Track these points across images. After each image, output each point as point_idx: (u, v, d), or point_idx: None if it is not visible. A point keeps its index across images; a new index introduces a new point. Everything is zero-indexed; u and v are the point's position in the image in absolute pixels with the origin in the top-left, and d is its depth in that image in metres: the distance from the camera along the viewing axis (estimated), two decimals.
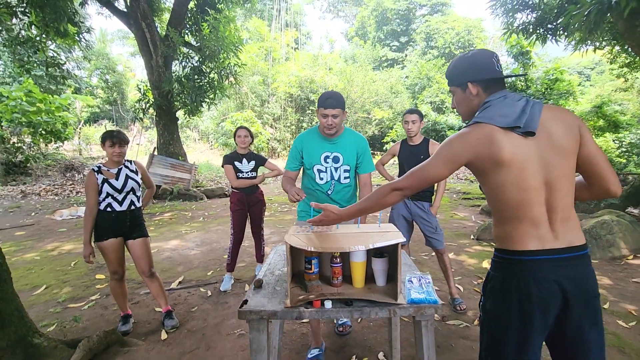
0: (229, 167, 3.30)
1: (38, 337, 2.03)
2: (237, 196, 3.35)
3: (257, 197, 3.45)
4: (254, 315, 1.23)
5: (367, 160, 2.16)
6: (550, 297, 0.99)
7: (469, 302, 2.86)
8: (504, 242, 1.06)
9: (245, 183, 3.31)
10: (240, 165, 3.32)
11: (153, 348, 2.35)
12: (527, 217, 1.02)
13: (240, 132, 3.34)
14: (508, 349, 1.04)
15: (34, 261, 4.33)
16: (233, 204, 3.37)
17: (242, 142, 3.32)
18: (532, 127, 1.00)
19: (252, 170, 3.37)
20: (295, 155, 2.15)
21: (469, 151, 1.05)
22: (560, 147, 1.02)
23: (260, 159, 3.45)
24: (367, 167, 2.16)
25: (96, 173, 2.45)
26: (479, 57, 1.14)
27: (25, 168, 11.75)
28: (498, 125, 1.01)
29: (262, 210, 3.49)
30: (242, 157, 3.34)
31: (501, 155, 1.00)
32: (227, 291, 3.25)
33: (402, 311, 1.21)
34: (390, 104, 21.98)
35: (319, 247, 1.19)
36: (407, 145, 3.00)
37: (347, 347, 2.29)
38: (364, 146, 2.13)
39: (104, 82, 22.67)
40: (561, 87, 14.29)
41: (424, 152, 2.91)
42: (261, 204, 3.48)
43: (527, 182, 1.01)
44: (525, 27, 5.89)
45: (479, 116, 1.07)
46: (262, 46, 23.32)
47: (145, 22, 9.14)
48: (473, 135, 1.04)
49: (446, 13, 29.98)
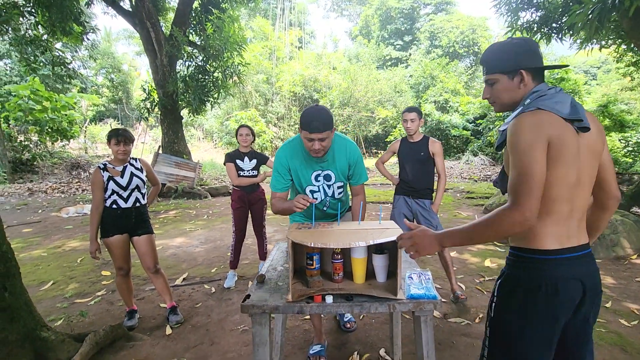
0: (231, 165, 3.32)
1: (46, 331, 2.08)
2: (237, 194, 3.37)
3: (259, 195, 3.45)
4: (256, 310, 1.25)
5: (359, 171, 1.93)
6: (575, 295, 1.00)
7: (471, 301, 2.88)
8: (526, 240, 1.02)
9: (247, 181, 3.32)
10: (242, 164, 3.33)
11: (158, 343, 2.39)
12: (556, 213, 0.99)
13: (242, 130, 3.35)
14: (530, 349, 1.02)
15: (41, 257, 4.39)
16: (234, 201, 3.39)
17: (243, 141, 3.32)
18: (587, 123, 0.98)
19: (254, 168, 3.38)
20: (282, 172, 1.86)
21: (544, 136, 0.95)
22: (594, 148, 1.03)
23: (261, 158, 3.46)
24: (359, 179, 1.95)
25: (102, 170, 2.49)
26: (530, 44, 1.07)
27: (32, 166, 11.90)
28: (561, 116, 0.97)
29: (263, 209, 3.50)
30: (244, 156, 3.36)
31: (563, 146, 0.95)
32: (230, 288, 3.29)
33: (401, 306, 1.23)
34: (394, 103, 21.94)
35: (320, 243, 1.21)
36: (407, 142, 3.01)
37: (349, 344, 2.32)
38: (355, 157, 1.89)
39: (109, 81, 22.86)
40: (567, 86, 14.18)
41: (424, 149, 2.91)
42: (262, 202, 3.49)
43: (568, 178, 0.98)
44: (529, 26, 5.86)
45: (540, 104, 0.99)
46: (266, 45, 23.36)
47: (150, 21, 9.20)
48: (545, 119, 0.96)
49: (450, 12, 29.84)
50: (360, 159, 1.91)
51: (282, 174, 1.86)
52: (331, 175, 1.88)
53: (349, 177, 1.94)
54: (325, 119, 1.61)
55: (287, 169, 1.85)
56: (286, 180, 1.87)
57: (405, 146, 3.00)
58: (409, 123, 2.87)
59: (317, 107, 1.67)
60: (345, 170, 1.89)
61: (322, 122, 1.60)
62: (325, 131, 1.61)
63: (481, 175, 12.18)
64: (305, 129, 1.63)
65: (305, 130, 1.63)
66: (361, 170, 1.94)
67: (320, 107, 1.66)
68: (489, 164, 14.97)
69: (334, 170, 1.86)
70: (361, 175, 1.95)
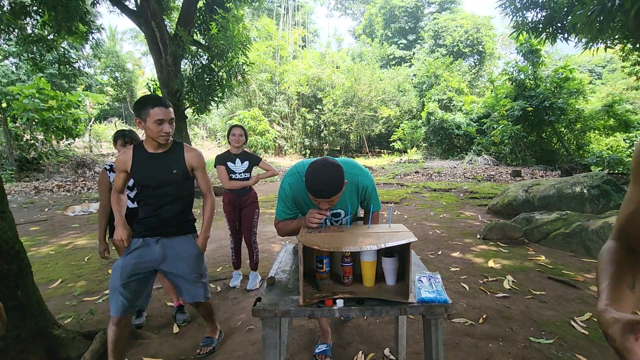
0: (222, 167, 3.14)
1: (57, 329, 2.12)
2: (228, 197, 3.22)
3: (250, 198, 3.26)
4: (267, 313, 1.27)
5: (371, 201, 1.75)
6: None
7: (474, 301, 2.89)
8: None
9: (238, 185, 3.16)
10: (233, 166, 3.16)
11: (166, 341, 2.42)
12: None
13: (235, 130, 3.16)
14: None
15: (49, 256, 4.45)
16: (225, 204, 3.25)
17: (236, 142, 3.14)
18: None
19: (246, 171, 3.21)
20: (288, 204, 1.70)
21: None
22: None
23: (254, 159, 3.27)
24: (372, 208, 1.74)
25: (108, 172, 2.51)
26: None
27: (38, 164, 12.01)
28: None
29: (254, 213, 3.25)
30: (236, 157, 3.18)
31: None
32: (236, 287, 3.32)
33: (412, 310, 1.25)
34: (397, 102, 21.92)
35: (332, 247, 1.23)
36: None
37: (354, 343, 2.34)
38: (367, 189, 1.71)
39: (113, 79, 22.96)
40: (571, 85, 14.12)
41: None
42: (254, 206, 3.27)
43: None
44: (534, 25, 5.86)
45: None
46: (270, 44, 23.38)
47: (154, 21, 9.23)
48: None
49: (455, 11, 29.71)
50: (373, 189, 1.74)
51: (288, 205, 1.70)
52: (340, 213, 1.76)
53: (361, 206, 1.82)
54: (335, 185, 1.39)
55: (293, 201, 1.70)
56: (291, 211, 1.71)
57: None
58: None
59: (325, 167, 1.40)
60: (356, 205, 1.77)
61: (330, 190, 1.39)
62: (335, 196, 1.42)
63: (485, 175, 12.15)
64: (311, 194, 1.42)
65: (311, 194, 1.43)
66: (375, 201, 1.76)
67: (329, 169, 1.40)
68: (493, 163, 14.93)
69: (344, 208, 1.73)
70: (375, 206, 1.75)
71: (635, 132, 12.75)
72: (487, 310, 2.71)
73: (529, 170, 13.03)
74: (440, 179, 11.97)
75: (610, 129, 13.98)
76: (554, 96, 14.14)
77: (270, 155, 19.86)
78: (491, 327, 2.47)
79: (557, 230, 4.46)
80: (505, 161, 15.40)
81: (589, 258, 3.89)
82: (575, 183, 5.90)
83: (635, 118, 13.61)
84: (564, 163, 12.46)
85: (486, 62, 27.44)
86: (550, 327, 2.44)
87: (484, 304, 2.84)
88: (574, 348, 2.20)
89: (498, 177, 11.80)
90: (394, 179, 12.19)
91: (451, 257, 4.03)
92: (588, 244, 4.02)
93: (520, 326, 2.47)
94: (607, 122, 13.90)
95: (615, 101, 13.78)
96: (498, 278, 3.36)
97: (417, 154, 19.30)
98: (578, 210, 5.34)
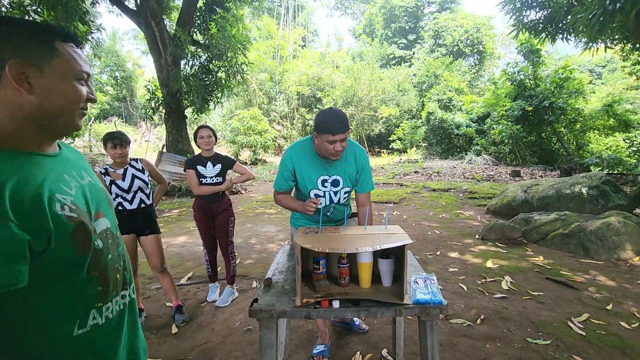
0: (191, 172, 2.88)
1: None
2: (198, 203, 2.97)
3: (223, 205, 3.00)
4: (264, 314, 1.28)
5: (366, 177, 1.91)
6: None
7: (472, 302, 2.90)
8: None
9: (209, 190, 2.89)
10: (204, 170, 2.89)
11: (165, 341, 2.43)
12: None
13: (202, 132, 2.87)
14: None
15: None
16: (195, 211, 3.00)
17: (205, 144, 2.86)
18: None
19: (218, 175, 2.94)
20: (286, 175, 1.87)
21: None
22: None
23: (227, 162, 2.99)
24: (365, 186, 1.93)
25: (103, 175, 2.51)
26: None
27: None
28: None
29: (228, 221, 3.00)
30: (207, 161, 2.91)
31: None
32: (215, 302, 3.01)
33: (407, 311, 1.26)
34: (397, 102, 21.92)
35: (329, 249, 1.24)
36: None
37: (352, 344, 2.35)
38: (363, 161, 1.88)
39: (113, 79, 22.95)
40: (571, 85, 14.12)
41: None
42: (228, 213, 3.01)
43: None
44: (534, 25, 5.86)
45: None
46: (270, 44, 23.38)
47: (154, 20, 9.24)
48: None
49: (455, 10, 29.69)
50: (368, 165, 1.92)
51: (286, 176, 1.88)
52: (339, 181, 1.88)
53: (355, 183, 1.94)
54: (344, 119, 1.66)
55: (292, 171, 1.86)
56: (288, 182, 1.89)
57: None
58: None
59: (333, 109, 1.70)
60: (353, 175, 1.89)
61: (343, 123, 1.64)
62: (346, 131, 1.66)
63: (484, 175, 12.16)
64: (327, 132, 1.63)
65: (327, 133, 1.64)
66: (368, 176, 1.93)
67: (336, 109, 1.70)
68: (492, 163, 14.93)
69: (342, 175, 1.86)
70: (367, 183, 1.93)
71: (635, 132, 12.74)
72: (484, 311, 2.72)
73: (528, 170, 13.03)
74: (440, 179, 11.98)
75: (610, 128, 13.98)
76: (553, 96, 14.14)
77: (269, 155, 19.87)
78: (489, 328, 2.48)
79: (555, 231, 4.47)
80: (504, 161, 15.40)
81: (588, 259, 3.90)
82: (574, 183, 5.90)
83: (635, 118, 13.60)
84: (563, 163, 12.47)
85: (486, 62, 27.43)
86: (547, 328, 2.45)
87: (481, 305, 2.84)
88: (571, 349, 2.20)
89: (497, 177, 11.80)
90: (393, 179, 12.20)
91: (450, 258, 4.04)
92: (586, 245, 4.03)
93: (517, 327, 2.48)
94: (607, 122, 13.90)
95: (615, 101, 13.77)
96: (496, 278, 3.37)
97: (416, 153, 19.30)
98: (577, 211, 5.35)
